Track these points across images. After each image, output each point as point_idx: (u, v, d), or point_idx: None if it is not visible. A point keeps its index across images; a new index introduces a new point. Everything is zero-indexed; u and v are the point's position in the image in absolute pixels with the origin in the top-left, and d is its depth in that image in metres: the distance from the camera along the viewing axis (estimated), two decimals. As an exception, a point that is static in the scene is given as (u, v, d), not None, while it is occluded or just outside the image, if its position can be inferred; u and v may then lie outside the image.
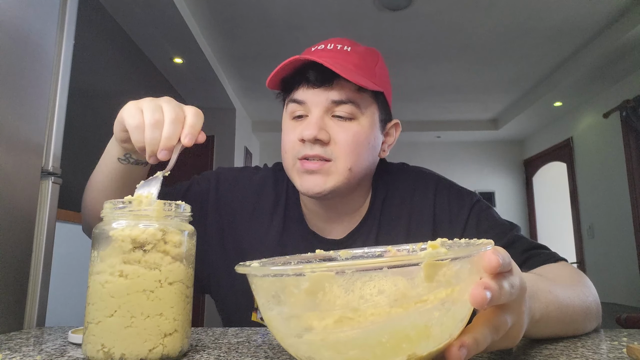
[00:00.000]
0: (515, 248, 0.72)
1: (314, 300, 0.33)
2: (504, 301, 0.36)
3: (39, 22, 0.80)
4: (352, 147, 0.71)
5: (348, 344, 0.33)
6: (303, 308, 0.34)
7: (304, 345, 0.35)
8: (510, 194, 5.84)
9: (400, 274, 0.33)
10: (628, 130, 3.78)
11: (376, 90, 0.74)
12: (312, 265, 0.33)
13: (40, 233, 0.79)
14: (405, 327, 0.33)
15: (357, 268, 0.32)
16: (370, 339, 0.33)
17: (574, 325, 0.56)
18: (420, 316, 0.33)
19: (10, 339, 0.59)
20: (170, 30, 2.93)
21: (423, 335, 0.34)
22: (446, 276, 0.34)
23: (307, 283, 0.33)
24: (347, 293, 0.33)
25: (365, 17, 3.05)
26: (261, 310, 0.39)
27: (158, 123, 0.57)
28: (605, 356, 0.46)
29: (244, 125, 5.04)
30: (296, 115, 0.74)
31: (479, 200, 0.81)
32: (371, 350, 0.33)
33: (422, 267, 0.33)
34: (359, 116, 0.73)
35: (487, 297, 0.34)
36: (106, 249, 0.45)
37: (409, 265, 0.33)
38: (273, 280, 0.36)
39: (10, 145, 0.72)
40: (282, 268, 0.34)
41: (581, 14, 3.00)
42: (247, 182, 0.86)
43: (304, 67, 0.72)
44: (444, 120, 5.52)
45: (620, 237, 3.90)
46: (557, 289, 0.54)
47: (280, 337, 0.38)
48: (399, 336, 0.33)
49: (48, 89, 0.82)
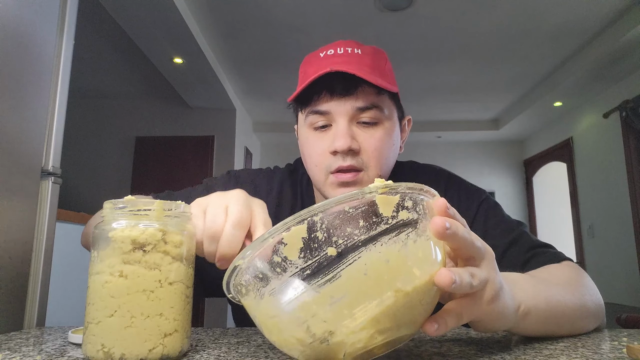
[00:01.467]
0: (521, 246, 0.72)
1: (295, 261, 0.35)
2: (466, 288, 0.38)
3: (39, 22, 0.80)
4: (380, 153, 0.71)
5: (337, 289, 0.34)
6: (288, 273, 0.35)
7: (299, 310, 0.35)
8: (511, 194, 5.85)
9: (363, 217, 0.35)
10: (628, 130, 3.78)
11: (394, 91, 0.74)
12: (283, 224, 0.35)
13: (40, 233, 0.79)
14: (379, 257, 0.34)
15: (323, 212, 0.35)
16: (353, 277, 0.34)
17: (568, 322, 0.56)
18: (392, 245, 0.35)
19: (10, 339, 0.59)
20: (170, 30, 2.93)
21: (400, 263, 0.35)
22: (401, 209, 0.36)
23: (287, 244, 0.35)
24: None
25: (366, 17, 3.05)
26: (257, 306, 0.39)
27: (216, 234, 0.50)
28: (605, 356, 0.46)
29: (244, 125, 5.04)
30: (319, 125, 0.73)
31: (487, 197, 0.81)
32: (357, 289, 0.34)
33: (377, 200, 0.35)
34: (383, 119, 0.73)
35: (454, 279, 0.36)
36: (106, 249, 0.45)
37: (359, 203, 0.35)
38: (259, 263, 0.37)
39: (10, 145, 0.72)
40: (258, 240, 0.36)
41: (581, 14, 3.00)
42: (267, 186, 0.85)
43: (323, 77, 0.69)
44: (444, 120, 5.52)
45: (620, 237, 3.90)
46: (549, 286, 0.55)
47: (270, 315, 0.37)
48: (378, 267, 0.34)
49: (48, 89, 0.82)
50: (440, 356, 0.46)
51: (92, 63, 3.83)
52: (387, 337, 0.36)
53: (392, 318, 0.35)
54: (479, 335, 0.58)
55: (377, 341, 0.35)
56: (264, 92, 4.51)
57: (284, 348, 0.38)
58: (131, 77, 4.15)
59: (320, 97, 0.71)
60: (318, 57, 0.74)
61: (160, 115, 4.65)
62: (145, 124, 4.63)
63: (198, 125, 4.59)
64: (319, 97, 0.71)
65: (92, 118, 4.63)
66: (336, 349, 0.35)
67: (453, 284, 0.36)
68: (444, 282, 0.36)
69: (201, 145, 4.50)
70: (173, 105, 4.59)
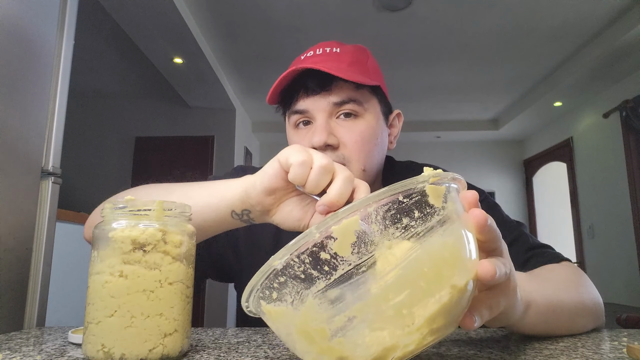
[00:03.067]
0: (520, 246, 0.73)
1: (347, 257, 0.32)
2: (500, 279, 0.38)
3: (39, 22, 0.80)
4: (361, 145, 0.72)
5: (396, 287, 0.31)
6: (339, 271, 0.32)
7: (352, 313, 0.32)
8: (510, 194, 5.85)
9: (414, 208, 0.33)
10: (628, 130, 3.78)
11: (373, 85, 0.74)
12: (333, 216, 0.32)
13: (40, 233, 0.79)
14: (438, 248, 0.32)
15: (376, 202, 0.32)
16: (413, 272, 0.31)
17: (566, 319, 0.56)
18: (447, 237, 0.33)
19: (10, 339, 0.59)
20: (170, 30, 2.93)
21: (455, 255, 0.33)
22: (447, 201, 0.35)
23: (337, 238, 0.32)
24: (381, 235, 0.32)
25: (365, 17, 3.05)
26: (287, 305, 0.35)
27: (329, 169, 0.48)
28: (605, 356, 0.46)
29: (244, 125, 5.04)
30: (301, 121, 0.75)
31: (486, 197, 0.82)
32: (418, 285, 0.31)
33: (427, 190, 0.34)
34: (363, 113, 0.73)
35: (496, 269, 0.35)
36: (106, 249, 0.45)
37: (413, 192, 0.33)
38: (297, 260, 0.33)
39: (10, 145, 0.72)
40: (299, 238, 0.32)
41: (581, 14, 3.00)
42: None
43: (299, 77, 0.72)
44: (444, 120, 5.52)
45: (620, 237, 3.90)
46: (546, 283, 0.56)
47: (313, 319, 0.33)
48: (437, 260, 0.32)
49: (48, 89, 0.82)
50: (439, 356, 0.46)
51: (92, 63, 3.83)
52: (437, 337, 0.34)
53: (445, 316, 0.33)
54: (478, 336, 0.59)
55: (427, 342, 0.33)
56: (264, 92, 4.48)
57: (319, 356, 0.34)
58: (131, 77, 4.15)
59: (298, 96, 0.73)
60: (299, 60, 0.77)
61: (160, 115, 4.65)
62: (145, 124, 4.63)
63: (198, 125, 4.59)
64: (297, 97, 0.74)
65: (92, 118, 4.63)
66: (385, 354, 0.32)
67: (497, 275, 0.35)
68: (489, 274, 0.35)
69: (201, 145, 4.50)
70: (173, 105, 4.59)
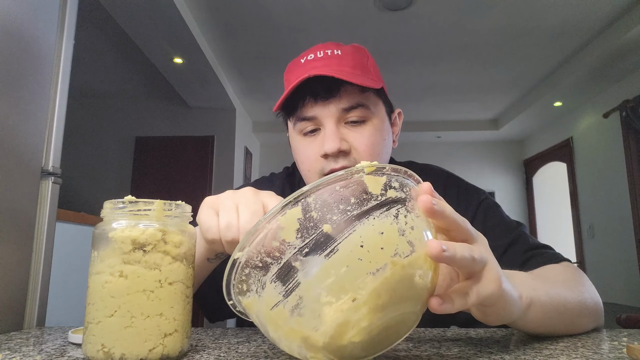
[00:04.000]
0: (520, 246, 0.73)
1: (292, 242, 0.35)
2: (459, 260, 0.38)
3: (39, 22, 0.80)
4: (372, 149, 0.72)
5: (337, 263, 0.34)
6: (287, 256, 0.35)
7: (301, 293, 0.35)
8: (510, 194, 5.85)
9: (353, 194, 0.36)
10: (628, 130, 3.77)
11: (378, 87, 0.74)
12: (279, 208, 0.36)
13: (40, 233, 0.79)
14: (374, 228, 0.35)
15: (315, 193, 0.36)
16: (350, 250, 0.34)
17: (568, 317, 0.56)
18: (384, 219, 0.36)
19: (10, 339, 0.59)
20: (170, 30, 2.93)
21: (393, 234, 0.36)
22: (389, 189, 0.37)
23: (284, 227, 0.35)
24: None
25: (366, 17, 3.05)
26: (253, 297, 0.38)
27: (234, 240, 0.50)
28: (605, 356, 0.46)
29: (244, 125, 5.04)
30: (308, 131, 0.74)
31: (487, 197, 0.81)
32: (355, 261, 0.34)
33: (365, 179, 0.37)
34: (371, 117, 0.73)
35: (443, 248, 0.36)
36: (106, 249, 0.45)
37: (349, 182, 0.36)
38: (255, 247, 0.37)
39: (10, 145, 0.72)
40: (253, 228, 0.36)
41: (581, 14, 3.00)
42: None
43: (305, 82, 0.70)
44: (444, 120, 5.52)
45: (620, 237, 3.90)
46: (547, 282, 0.55)
47: (272, 302, 0.37)
48: (373, 238, 0.35)
49: (48, 89, 0.82)
50: (439, 356, 0.46)
51: (92, 63, 3.83)
52: (388, 313, 0.36)
53: (391, 292, 0.35)
54: (478, 336, 0.59)
55: (379, 318, 0.35)
56: (264, 92, 4.51)
57: (287, 340, 0.37)
58: (131, 77, 4.15)
59: (305, 103, 0.72)
60: (299, 64, 0.75)
61: (160, 115, 4.65)
62: (145, 124, 4.63)
63: (198, 125, 4.59)
64: (304, 104, 0.72)
65: (92, 118, 4.63)
66: (341, 331, 0.35)
67: (444, 253, 0.36)
68: (434, 250, 0.36)
69: (201, 145, 4.50)
70: (173, 105, 4.59)
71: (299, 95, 0.72)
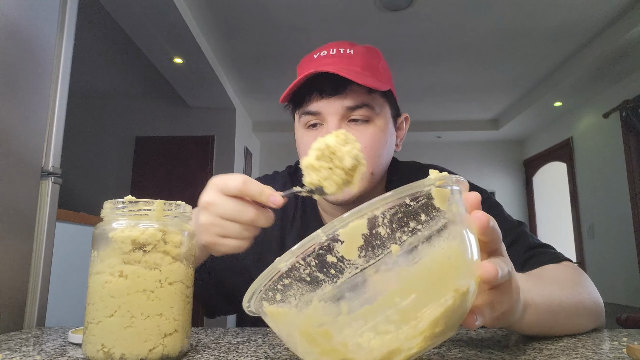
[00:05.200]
0: (520, 245, 0.73)
1: (354, 260, 0.32)
2: (505, 278, 0.38)
3: (39, 22, 0.80)
4: (372, 150, 0.72)
5: (404, 291, 0.31)
6: (346, 275, 0.32)
7: (360, 317, 0.32)
8: (510, 194, 5.84)
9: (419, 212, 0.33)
10: (628, 130, 3.77)
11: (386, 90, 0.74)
12: (340, 220, 0.31)
13: (40, 233, 0.79)
14: (443, 252, 0.32)
15: (383, 205, 0.31)
16: (420, 276, 0.31)
17: (564, 318, 0.56)
18: (451, 241, 0.33)
19: (10, 339, 0.59)
20: (170, 30, 2.93)
21: (460, 259, 0.33)
22: (452, 204, 0.34)
23: (344, 241, 0.31)
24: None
25: (366, 17, 3.05)
26: (286, 312, 0.35)
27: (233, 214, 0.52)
28: (605, 356, 0.46)
29: (244, 125, 5.04)
30: (311, 124, 0.75)
31: (488, 196, 0.82)
32: (424, 288, 0.31)
33: (433, 193, 0.33)
34: (374, 117, 0.73)
35: (498, 270, 0.35)
36: (106, 249, 0.45)
37: (420, 195, 0.33)
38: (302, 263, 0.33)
39: (10, 145, 0.72)
40: (305, 240, 0.32)
41: (581, 14, 3.00)
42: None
43: (314, 78, 0.71)
44: (444, 120, 5.52)
45: (620, 237, 3.89)
46: (543, 283, 0.56)
47: (318, 321, 0.33)
48: (442, 263, 0.32)
49: (48, 89, 0.82)
50: (439, 356, 0.46)
51: (92, 63, 3.83)
52: (438, 340, 0.34)
53: (447, 320, 0.33)
54: (479, 336, 0.59)
55: (429, 345, 0.33)
56: (264, 92, 4.50)
57: (320, 356, 0.35)
58: (131, 77, 4.15)
59: (311, 98, 0.73)
60: (312, 59, 0.76)
61: (160, 115, 4.65)
62: (145, 124, 4.63)
63: (198, 125, 4.58)
64: (310, 98, 0.73)
65: (92, 118, 4.63)
66: (389, 357, 0.32)
67: (499, 276, 0.35)
68: (491, 274, 0.34)
69: (201, 145, 4.50)
70: (173, 105, 4.59)
71: (306, 89, 0.73)
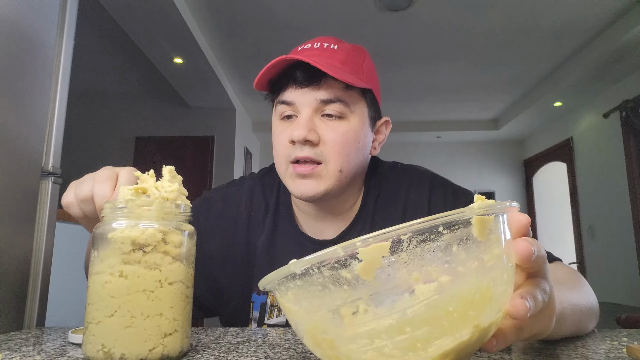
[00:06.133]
0: None
1: (370, 282, 0.30)
2: (539, 308, 0.35)
3: (39, 22, 0.80)
4: (341, 147, 0.71)
5: (415, 322, 0.30)
6: (358, 293, 0.31)
7: (364, 337, 0.31)
8: (510, 194, 5.84)
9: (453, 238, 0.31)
10: (628, 130, 3.77)
11: (364, 88, 0.73)
12: (362, 240, 0.30)
13: (40, 233, 0.79)
14: (470, 290, 0.31)
15: (412, 230, 0.30)
16: (437, 311, 0.30)
17: (582, 324, 0.55)
18: (482, 277, 0.31)
19: (10, 339, 0.59)
20: (170, 30, 2.93)
21: (486, 297, 0.31)
22: (492, 233, 0.32)
23: (362, 260, 0.30)
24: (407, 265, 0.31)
25: (366, 17, 3.05)
26: (298, 318, 0.35)
27: (86, 197, 0.61)
28: (605, 356, 0.46)
29: (244, 125, 5.04)
30: (285, 115, 0.74)
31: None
32: (439, 323, 0.30)
33: (474, 222, 0.31)
34: (348, 115, 0.72)
35: (528, 306, 0.33)
36: (106, 249, 0.45)
37: (460, 222, 0.31)
38: (316, 274, 0.32)
39: (10, 145, 0.72)
40: (324, 252, 0.31)
41: (581, 14, 3.00)
42: (236, 197, 0.84)
43: (291, 68, 0.71)
44: (444, 120, 5.51)
45: (620, 237, 3.89)
46: (566, 289, 0.54)
47: (324, 331, 0.33)
48: (466, 302, 0.30)
49: (48, 89, 0.82)
50: (440, 356, 0.46)
51: (92, 63, 3.83)
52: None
53: (460, 353, 0.32)
54: (478, 335, 0.58)
55: None
56: (264, 92, 4.50)
57: (321, 355, 0.34)
58: (131, 77, 4.15)
59: (287, 87, 0.73)
60: (296, 51, 0.77)
61: (160, 115, 4.65)
62: (145, 124, 4.63)
63: (198, 125, 4.58)
64: (286, 87, 0.73)
65: (92, 118, 4.63)
66: None
67: (529, 313, 0.32)
68: (519, 314, 0.32)
69: (201, 145, 4.50)
70: (173, 105, 4.59)
71: (283, 79, 0.73)
